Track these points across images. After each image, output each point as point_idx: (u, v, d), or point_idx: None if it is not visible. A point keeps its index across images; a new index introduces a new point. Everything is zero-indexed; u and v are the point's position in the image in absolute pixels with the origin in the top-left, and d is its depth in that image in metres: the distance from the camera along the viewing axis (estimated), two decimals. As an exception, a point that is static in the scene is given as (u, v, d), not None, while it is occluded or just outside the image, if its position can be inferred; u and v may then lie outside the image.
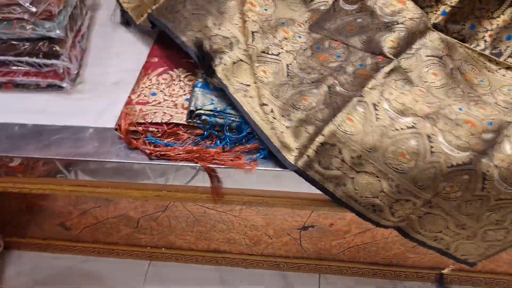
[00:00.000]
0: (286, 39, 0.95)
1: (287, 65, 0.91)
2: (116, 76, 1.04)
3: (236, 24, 0.91)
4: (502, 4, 0.90)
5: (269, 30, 0.95)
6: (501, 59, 0.92)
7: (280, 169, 0.81)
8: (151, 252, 1.30)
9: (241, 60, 0.87)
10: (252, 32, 0.93)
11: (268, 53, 0.92)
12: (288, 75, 0.90)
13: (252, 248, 1.22)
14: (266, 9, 0.98)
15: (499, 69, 0.92)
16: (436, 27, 0.94)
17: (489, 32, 0.92)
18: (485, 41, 0.93)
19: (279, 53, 0.93)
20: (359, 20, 0.93)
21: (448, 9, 0.93)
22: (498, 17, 0.91)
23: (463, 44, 0.93)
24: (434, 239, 0.87)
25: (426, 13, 0.94)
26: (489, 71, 0.91)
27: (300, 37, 0.96)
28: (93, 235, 1.23)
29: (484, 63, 0.92)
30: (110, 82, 1.03)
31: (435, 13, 0.94)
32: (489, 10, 0.92)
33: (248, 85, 0.85)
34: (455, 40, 0.93)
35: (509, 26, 0.91)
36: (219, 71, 0.85)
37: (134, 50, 1.08)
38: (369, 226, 1.08)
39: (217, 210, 1.07)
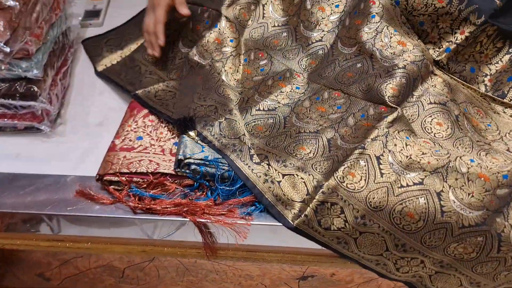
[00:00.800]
0: (283, 92, 0.90)
1: (284, 118, 0.86)
2: (100, 116, 0.98)
3: (221, 93, 0.87)
4: (500, 51, 0.86)
5: (266, 90, 0.91)
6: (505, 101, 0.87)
7: (278, 223, 0.74)
8: (138, 302, 1.21)
9: (228, 119, 0.82)
10: (247, 98, 0.89)
11: (264, 110, 0.87)
12: (285, 127, 0.84)
13: (247, 297, 1.14)
14: (262, 69, 0.94)
15: (505, 108, 0.86)
16: (437, 63, 0.90)
17: (488, 77, 0.88)
18: (485, 85, 0.88)
19: (276, 107, 0.88)
20: (359, 65, 0.87)
21: (452, 47, 0.88)
22: (497, 63, 0.87)
23: (466, 84, 0.88)
24: None
25: (428, 49, 0.89)
26: (495, 112, 0.86)
27: (298, 87, 0.91)
28: (74, 286, 1.14)
29: (489, 104, 0.87)
30: (93, 123, 0.97)
31: (438, 50, 0.90)
32: (487, 55, 0.87)
33: (238, 138, 0.79)
34: (458, 80, 0.88)
35: (509, 70, 0.86)
36: (202, 132, 0.81)
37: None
38: (373, 276, 1.00)
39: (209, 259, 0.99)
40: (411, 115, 0.81)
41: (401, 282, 0.79)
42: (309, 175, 0.75)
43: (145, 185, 0.78)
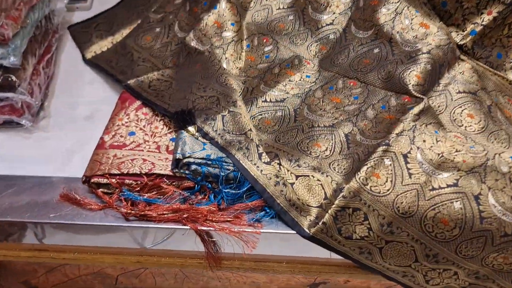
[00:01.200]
0: (292, 81, 0.82)
1: (295, 110, 0.78)
2: (88, 108, 0.90)
3: (222, 82, 0.79)
4: None
5: (273, 78, 0.83)
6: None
7: (291, 231, 0.65)
8: (133, 310, 1.13)
9: (232, 112, 0.74)
10: (252, 88, 0.81)
11: (271, 101, 0.79)
12: (295, 120, 0.76)
13: (251, 304, 1.07)
14: (267, 56, 0.85)
15: None
16: (461, 48, 0.82)
17: None
18: None
19: (284, 98, 0.79)
20: (376, 50, 0.79)
21: (478, 29, 0.81)
22: None
23: (492, 70, 0.80)
24: None
25: (450, 33, 0.81)
26: None
27: (308, 76, 0.82)
28: (64, 294, 1.06)
29: None
30: (81, 116, 0.89)
31: (462, 33, 0.82)
32: None
33: (244, 134, 0.71)
34: (484, 66, 0.80)
35: None
36: (203, 127, 0.72)
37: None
38: (391, 283, 0.92)
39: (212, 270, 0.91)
40: (438, 106, 0.73)
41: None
42: (326, 176, 0.66)
43: (138, 188, 0.69)
